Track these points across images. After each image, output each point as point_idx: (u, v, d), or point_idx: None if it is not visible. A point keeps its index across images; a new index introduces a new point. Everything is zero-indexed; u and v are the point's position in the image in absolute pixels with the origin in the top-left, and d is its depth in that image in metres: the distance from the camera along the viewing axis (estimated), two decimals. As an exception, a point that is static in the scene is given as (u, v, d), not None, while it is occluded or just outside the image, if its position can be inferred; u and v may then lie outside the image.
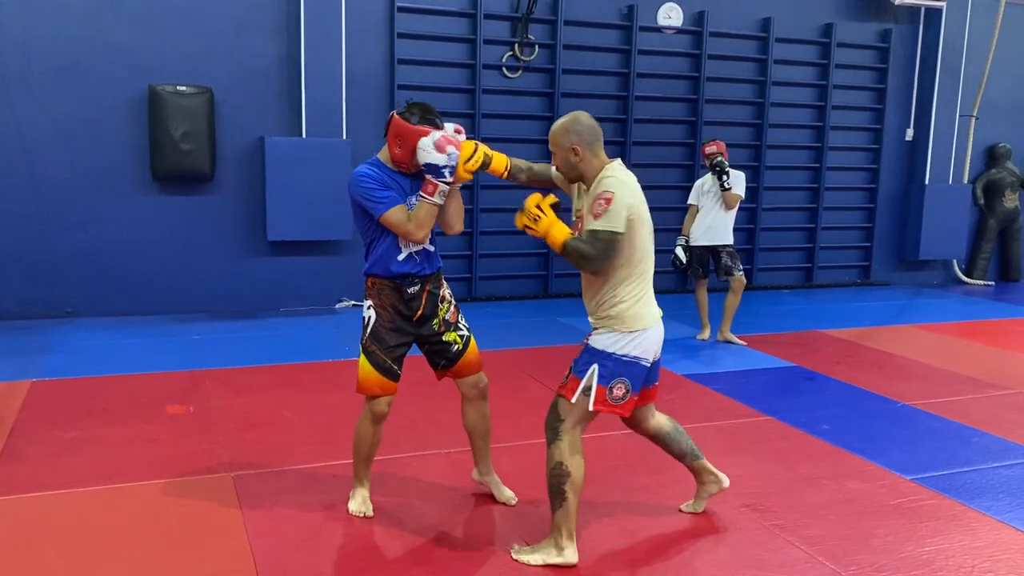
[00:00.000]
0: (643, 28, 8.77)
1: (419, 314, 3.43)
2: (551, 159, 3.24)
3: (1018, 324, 8.06)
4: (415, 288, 3.40)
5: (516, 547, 3.21)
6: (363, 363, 3.40)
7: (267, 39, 7.56)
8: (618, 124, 8.84)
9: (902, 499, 3.79)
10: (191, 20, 7.31)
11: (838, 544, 3.35)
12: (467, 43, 8.26)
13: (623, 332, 3.08)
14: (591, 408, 3.09)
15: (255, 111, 7.57)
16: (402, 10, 7.93)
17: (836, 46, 9.48)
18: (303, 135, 7.61)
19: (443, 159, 3.19)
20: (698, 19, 8.99)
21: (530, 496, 3.65)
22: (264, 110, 7.60)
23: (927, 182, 9.93)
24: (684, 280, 8.95)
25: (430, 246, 3.45)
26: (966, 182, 10.24)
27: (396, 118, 3.29)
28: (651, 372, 3.26)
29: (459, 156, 3.24)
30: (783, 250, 9.77)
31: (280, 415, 4.80)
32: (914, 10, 9.78)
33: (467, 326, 3.60)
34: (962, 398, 5.41)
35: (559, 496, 3.09)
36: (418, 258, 3.40)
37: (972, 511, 3.68)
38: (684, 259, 6.88)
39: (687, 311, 7.38)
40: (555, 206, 3.12)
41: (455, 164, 3.22)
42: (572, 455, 3.09)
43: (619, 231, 2.99)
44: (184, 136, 7.13)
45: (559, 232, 3.07)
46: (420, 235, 3.30)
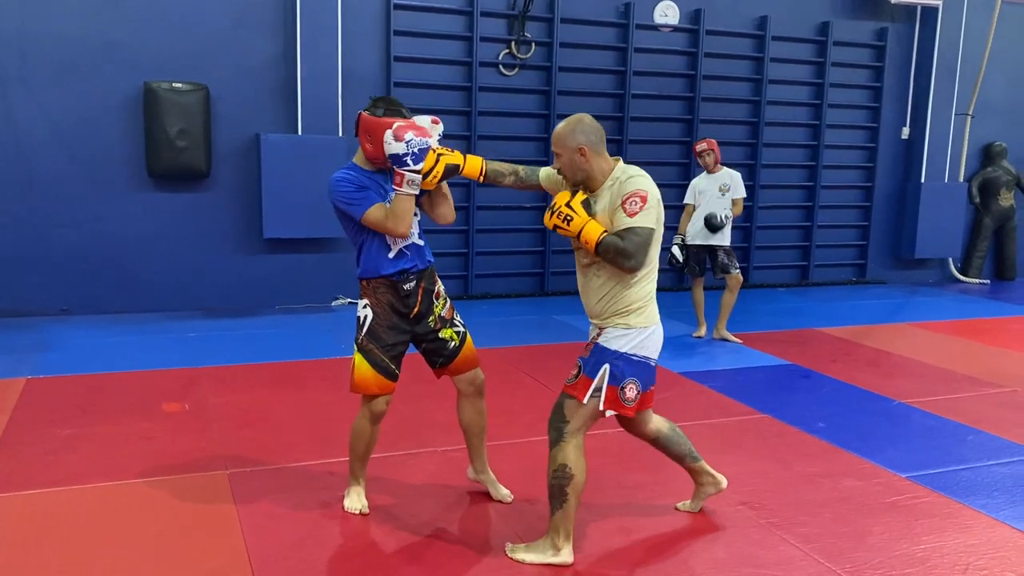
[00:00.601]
0: (640, 26, 8.77)
1: (415, 311, 3.42)
2: (552, 160, 3.19)
3: (1014, 322, 8.08)
4: (410, 284, 3.39)
5: (511, 545, 3.21)
6: (359, 362, 3.38)
7: (263, 36, 7.54)
8: (614, 122, 8.84)
9: (898, 497, 3.80)
10: (187, 17, 7.30)
11: (834, 542, 3.35)
12: (463, 40, 8.25)
13: (637, 328, 3.06)
14: (601, 408, 3.07)
15: (251, 108, 7.55)
16: (398, 7, 7.93)
17: (832, 44, 9.49)
18: (299, 132, 7.60)
19: (402, 147, 3.12)
20: (694, 17, 8.99)
21: (526, 494, 3.65)
22: (260, 107, 7.59)
23: (923, 181, 9.94)
24: (680, 278, 8.96)
25: (420, 240, 3.43)
26: (962, 181, 10.27)
27: (363, 115, 3.27)
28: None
29: (425, 143, 3.16)
30: (779, 248, 9.78)
31: (276, 413, 4.79)
32: (910, 9, 9.80)
33: (462, 322, 3.59)
34: (957, 396, 5.42)
35: (560, 497, 3.08)
36: (409, 253, 3.39)
37: (967, 509, 3.68)
38: (681, 258, 6.88)
39: (683, 309, 7.38)
40: (585, 203, 3.06)
41: (417, 150, 3.14)
42: (577, 458, 3.06)
43: (654, 228, 3.01)
44: (180, 133, 7.12)
45: (594, 230, 3.00)
46: (401, 229, 3.26)
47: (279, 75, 7.61)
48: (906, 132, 10.08)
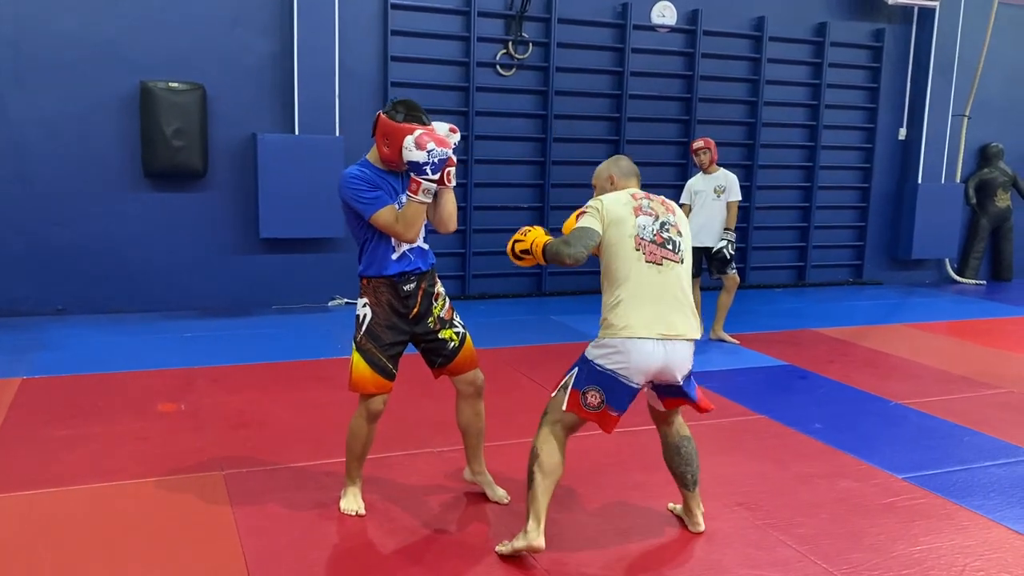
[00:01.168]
0: (637, 26, 8.77)
1: (415, 312, 3.42)
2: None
3: (1010, 323, 8.09)
4: (411, 285, 3.39)
5: (499, 546, 3.20)
6: (357, 361, 3.38)
7: (260, 35, 7.53)
8: (611, 122, 8.84)
9: (894, 498, 3.80)
10: (183, 17, 7.28)
11: (830, 543, 3.35)
12: (461, 40, 8.24)
13: (605, 339, 3.11)
14: (564, 408, 3.15)
15: (247, 108, 7.54)
16: (396, 7, 7.91)
17: (829, 45, 9.50)
18: (296, 132, 7.59)
19: (423, 156, 3.14)
20: (692, 18, 8.99)
21: (522, 495, 3.64)
22: (256, 107, 7.57)
23: (920, 181, 9.95)
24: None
25: (424, 243, 3.44)
26: (958, 181, 10.27)
27: (382, 117, 3.27)
28: (663, 389, 3.26)
29: (445, 153, 3.18)
30: (776, 249, 9.78)
31: (272, 413, 4.78)
32: (907, 10, 9.80)
33: (462, 323, 3.59)
34: (954, 397, 5.42)
35: (529, 478, 3.15)
36: (412, 256, 3.39)
37: (964, 510, 3.68)
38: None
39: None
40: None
41: (436, 160, 3.16)
42: (545, 441, 3.15)
43: (589, 227, 3.14)
44: (176, 133, 7.10)
45: (541, 237, 3.27)
46: (410, 235, 3.28)
47: (276, 75, 7.60)
48: (903, 133, 10.09)
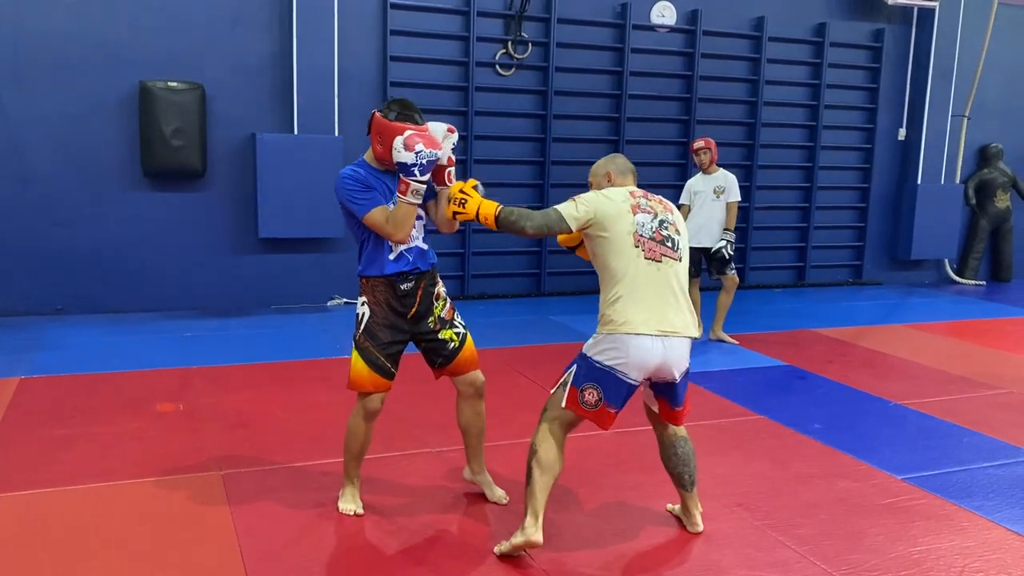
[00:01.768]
0: (636, 26, 8.76)
1: (413, 311, 3.42)
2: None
3: (1009, 324, 8.09)
4: (409, 285, 3.38)
5: (497, 546, 3.20)
6: (355, 359, 3.38)
7: (259, 35, 7.52)
8: (611, 122, 8.84)
9: (893, 499, 3.79)
10: (183, 16, 7.28)
11: (829, 544, 3.34)
12: (460, 40, 8.23)
13: (603, 335, 3.11)
14: (563, 405, 3.15)
15: (247, 107, 7.53)
16: (395, 7, 7.91)
17: (829, 45, 9.49)
18: (295, 132, 7.58)
19: (411, 157, 3.12)
20: (691, 18, 8.98)
21: (522, 496, 3.63)
22: (256, 106, 7.57)
23: (919, 182, 9.95)
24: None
25: (423, 244, 3.43)
26: (958, 182, 10.27)
27: (376, 116, 3.27)
28: (659, 388, 3.25)
29: (434, 155, 3.15)
30: (775, 249, 9.78)
31: (270, 413, 4.77)
32: (907, 10, 9.80)
33: (463, 323, 3.58)
34: (954, 397, 5.42)
35: (527, 475, 3.14)
36: (410, 256, 3.38)
37: (963, 511, 3.68)
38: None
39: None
40: (476, 188, 3.24)
41: (425, 161, 3.14)
42: (544, 438, 3.15)
43: (567, 210, 3.15)
44: (175, 132, 7.10)
45: (489, 206, 3.18)
46: (400, 235, 3.26)
47: (275, 74, 7.59)
48: (902, 133, 10.09)
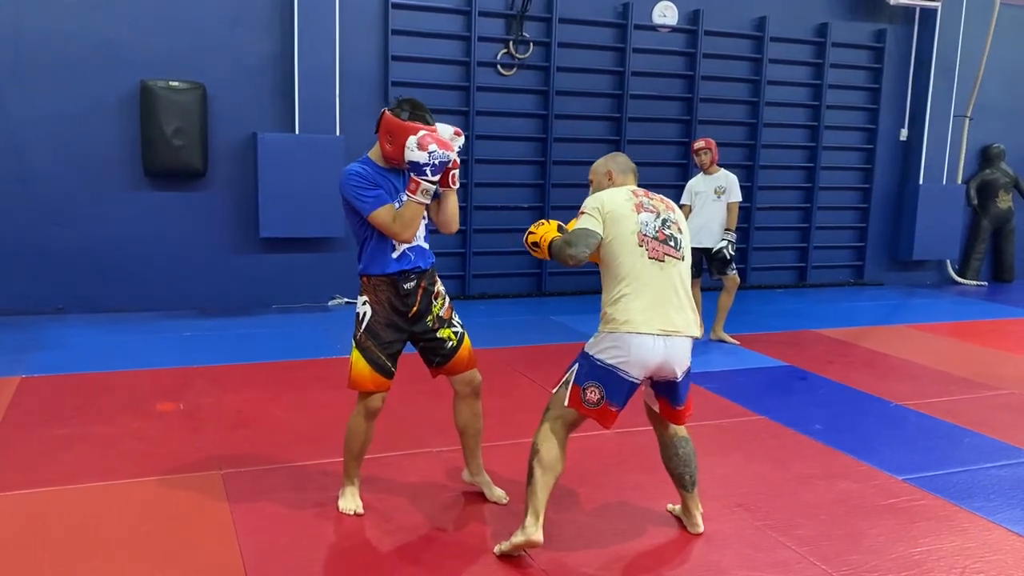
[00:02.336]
0: (638, 26, 8.76)
1: (414, 310, 3.42)
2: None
3: (1011, 324, 8.08)
4: (411, 284, 3.38)
5: (497, 546, 3.19)
6: (356, 359, 3.38)
7: (260, 35, 7.52)
8: (612, 122, 8.84)
9: (894, 499, 3.78)
10: (184, 16, 7.28)
11: (829, 544, 3.34)
12: (462, 40, 8.23)
13: (604, 334, 3.11)
14: (566, 404, 3.15)
15: (248, 107, 7.53)
16: (396, 6, 7.91)
17: (831, 46, 9.48)
18: (296, 131, 7.58)
19: (424, 157, 3.13)
20: (693, 18, 8.98)
21: (521, 496, 3.63)
22: (257, 106, 7.57)
23: (921, 182, 9.94)
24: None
25: (424, 243, 3.44)
26: (960, 182, 10.26)
27: (387, 114, 3.27)
28: (660, 387, 3.24)
29: (447, 156, 3.17)
30: (777, 249, 9.77)
31: (271, 413, 4.77)
32: (909, 10, 9.79)
33: (461, 323, 3.58)
34: (955, 398, 5.41)
35: (528, 474, 3.14)
36: (412, 255, 3.39)
37: (964, 512, 3.67)
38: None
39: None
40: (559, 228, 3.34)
41: (437, 162, 3.16)
42: (546, 438, 3.15)
43: (587, 227, 3.15)
44: (176, 132, 7.10)
45: (550, 233, 3.29)
46: (407, 235, 3.27)
47: (276, 74, 7.59)
48: (904, 134, 10.07)
